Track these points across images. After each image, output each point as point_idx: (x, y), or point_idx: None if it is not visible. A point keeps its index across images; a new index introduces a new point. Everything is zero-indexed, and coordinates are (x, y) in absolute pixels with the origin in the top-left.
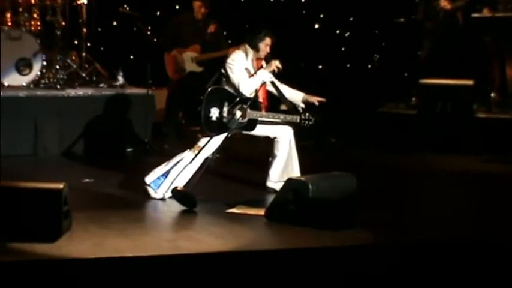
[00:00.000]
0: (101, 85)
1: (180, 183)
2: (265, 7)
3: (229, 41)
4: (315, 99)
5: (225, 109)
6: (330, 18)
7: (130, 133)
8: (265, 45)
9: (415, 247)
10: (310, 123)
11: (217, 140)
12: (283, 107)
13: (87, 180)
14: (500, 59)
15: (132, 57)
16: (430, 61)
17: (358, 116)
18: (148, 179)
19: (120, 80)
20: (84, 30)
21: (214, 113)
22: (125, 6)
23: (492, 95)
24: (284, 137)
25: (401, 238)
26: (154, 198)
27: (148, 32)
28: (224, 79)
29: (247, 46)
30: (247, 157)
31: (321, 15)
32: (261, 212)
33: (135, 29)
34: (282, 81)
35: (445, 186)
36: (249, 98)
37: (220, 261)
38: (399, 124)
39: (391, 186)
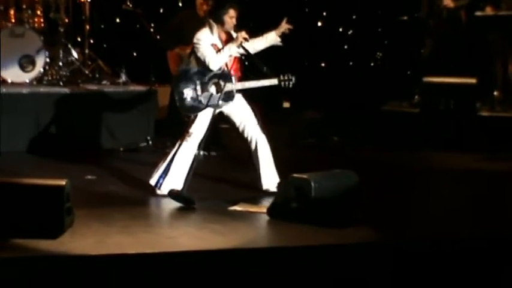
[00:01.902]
0: (104, 82)
1: (180, 176)
2: (268, 4)
3: None
4: (284, 26)
5: (198, 87)
6: (332, 16)
7: (133, 130)
8: (229, 18)
9: (418, 245)
10: (291, 82)
11: (205, 121)
12: (285, 105)
13: (89, 177)
14: (503, 58)
15: (135, 54)
16: (433, 59)
17: (361, 114)
18: (152, 180)
19: (123, 77)
20: (87, 27)
21: (188, 93)
22: (128, 3)
23: (495, 93)
24: (260, 143)
25: (403, 236)
26: (158, 195)
27: (151, 29)
28: (195, 59)
29: (211, 21)
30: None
31: (324, 13)
32: (263, 209)
33: (138, 26)
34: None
35: (448, 184)
36: (221, 72)
37: (222, 258)
38: (402, 122)
39: (394, 185)
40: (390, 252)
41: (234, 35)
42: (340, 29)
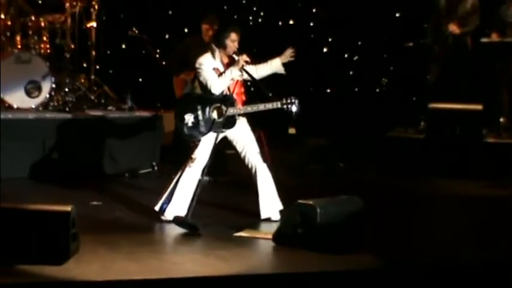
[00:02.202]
0: (110, 108)
1: (184, 202)
2: (274, 31)
3: None
4: (288, 54)
5: (199, 112)
6: (338, 42)
7: (139, 156)
8: (231, 41)
9: (423, 271)
10: (294, 105)
11: (208, 146)
12: (291, 131)
13: (95, 203)
14: (509, 84)
15: (140, 80)
16: (439, 85)
17: (367, 140)
18: (157, 206)
19: (129, 102)
20: (93, 53)
21: (189, 119)
22: (134, 29)
23: (501, 119)
24: (260, 171)
25: (408, 262)
26: (163, 221)
27: (157, 55)
28: (198, 84)
29: (213, 46)
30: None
31: (330, 39)
32: (269, 235)
33: (144, 52)
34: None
35: (453, 210)
36: (223, 97)
37: (228, 284)
38: (408, 148)
39: (399, 211)
40: (395, 279)
41: (236, 58)
42: (346, 55)
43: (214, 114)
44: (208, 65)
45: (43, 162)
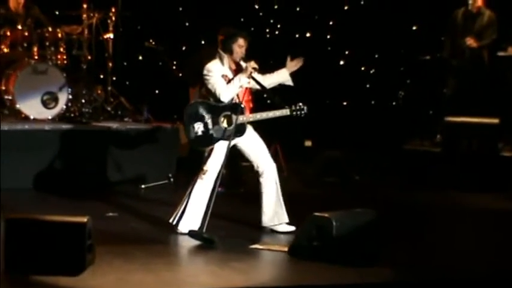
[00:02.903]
0: (126, 119)
1: (198, 214)
2: (290, 43)
3: None
4: (295, 64)
5: (209, 121)
6: (355, 54)
7: (155, 167)
8: (239, 47)
9: (439, 285)
10: (303, 112)
11: (219, 157)
12: (307, 143)
13: (110, 214)
14: None
15: (157, 91)
16: (455, 99)
17: (383, 153)
18: (172, 218)
19: (145, 114)
20: (110, 64)
21: (199, 127)
22: (151, 40)
23: None
24: (269, 175)
25: (424, 276)
26: (179, 233)
27: (174, 67)
28: (206, 92)
29: (221, 52)
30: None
31: (346, 52)
32: (284, 248)
33: (160, 63)
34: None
35: (470, 224)
36: (232, 104)
37: None
38: (424, 161)
39: (415, 224)
40: None
41: (243, 65)
42: (363, 68)
43: (224, 123)
44: (217, 71)
45: (57, 173)
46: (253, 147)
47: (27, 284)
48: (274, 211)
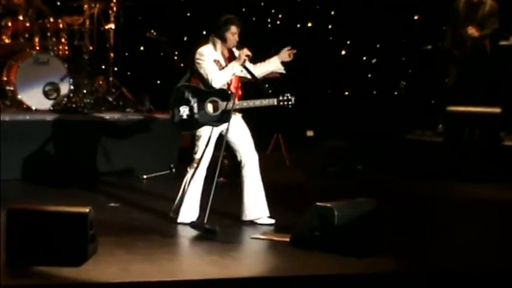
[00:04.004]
0: (128, 110)
1: (194, 203)
2: (292, 33)
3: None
4: (286, 53)
5: (195, 105)
6: (356, 44)
7: (157, 158)
8: (232, 34)
9: (441, 275)
10: (291, 102)
11: (208, 144)
12: (309, 133)
13: (112, 204)
14: None
15: (159, 82)
16: (457, 88)
17: (385, 142)
18: (172, 212)
19: (147, 104)
20: (112, 55)
21: (184, 111)
22: (152, 31)
23: None
24: (250, 167)
25: (426, 266)
26: (180, 223)
27: (175, 57)
28: (197, 75)
29: (215, 37)
30: (272, 183)
31: (348, 42)
32: (286, 238)
33: (162, 54)
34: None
35: (471, 214)
36: (219, 90)
37: (245, 287)
38: (426, 151)
39: (417, 214)
40: (413, 282)
41: (236, 52)
42: (364, 58)
43: (210, 108)
44: (209, 56)
45: (59, 163)
46: (238, 137)
47: (29, 275)
48: (255, 204)
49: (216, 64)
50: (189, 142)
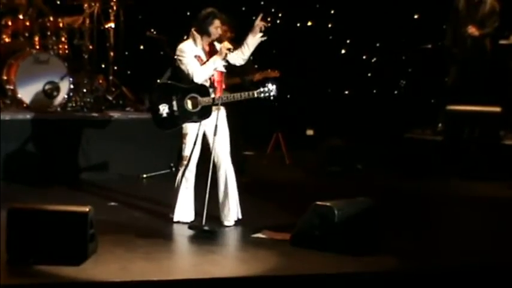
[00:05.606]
0: (128, 109)
1: (188, 201)
2: (292, 33)
3: (256, 66)
4: (258, 27)
5: (174, 102)
6: (356, 43)
7: (157, 157)
8: (215, 28)
9: (441, 273)
10: (272, 93)
11: (194, 142)
12: (309, 132)
13: (112, 203)
14: None
15: (158, 81)
16: (457, 87)
17: (385, 141)
18: (170, 213)
19: (147, 103)
20: (112, 54)
21: (164, 109)
22: (152, 30)
23: None
24: (224, 171)
25: (427, 264)
26: (181, 222)
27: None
28: (178, 72)
29: (195, 33)
30: (272, 182)
31: (348, 41)
32: (286, 236)
33: (161, 53)
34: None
35: (471, 212)
36: (198, 86)
37: (245, 286)
38: (425, 150)
39: (417, 212)
40: (413, 281)
41: (218, 46)
42: (364, 57)
43: (189, 105)
44: (190, 52)
45: (59, 162)
46: (218, 138)
47: (29, 274)
48: (233, 209)
49: (197, 60)
50: None
